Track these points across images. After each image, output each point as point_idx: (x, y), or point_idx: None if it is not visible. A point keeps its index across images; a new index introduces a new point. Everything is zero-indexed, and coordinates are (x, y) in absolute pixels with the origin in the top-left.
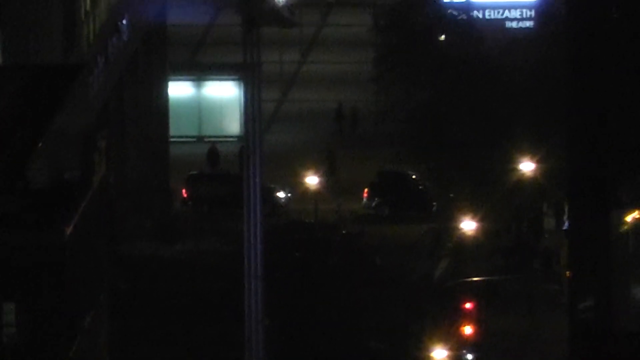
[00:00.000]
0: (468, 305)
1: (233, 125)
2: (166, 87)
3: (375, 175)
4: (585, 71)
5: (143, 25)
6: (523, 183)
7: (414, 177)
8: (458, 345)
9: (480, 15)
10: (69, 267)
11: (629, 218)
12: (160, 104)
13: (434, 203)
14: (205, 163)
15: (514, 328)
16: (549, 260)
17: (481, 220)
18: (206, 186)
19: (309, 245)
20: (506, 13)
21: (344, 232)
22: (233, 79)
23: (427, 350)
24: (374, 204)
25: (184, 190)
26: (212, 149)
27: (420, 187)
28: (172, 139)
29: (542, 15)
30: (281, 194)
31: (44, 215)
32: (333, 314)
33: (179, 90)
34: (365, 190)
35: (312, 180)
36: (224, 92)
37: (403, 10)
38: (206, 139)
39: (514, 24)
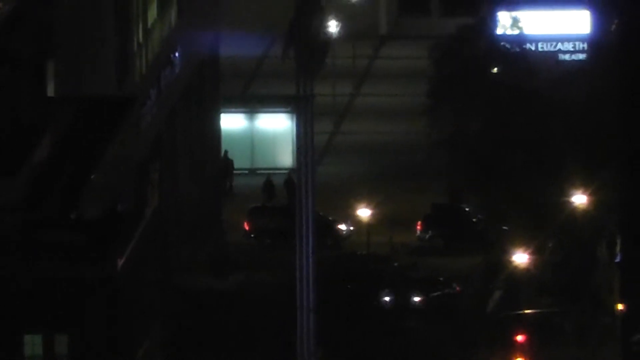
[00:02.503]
0: (520, 338)
1: (285, 157)
2: (219, 119)
3: (429, 208)
4: (637, 103)
5: (195, 57)
6: (576, 215)
7: (467, 209)
8: None
9: (533, 48)
10: (121, 298)
11: None
12: (212, 136)
13: (489, 235)
14: (260, 195)
15: None
16: (599, 293)
17: (534, 252)
18: (268, 219)
19: (361, 277)
20: (559, 45)
21: (395, 264)
22: (286, 111)
23: None
24: (427, 236)
25: (245, 223)
26: (267, 182)
27: (473, 220)
28: None
29: (595, 47)
30: (343, 227)
31: (97, 246)
32: (384, 346)
33: (231, 122)
34: (419, 222)
35: (364, 212)
36: (277, 125)
37: (457, 43)
38: (259, 171)
39: (566, 57)
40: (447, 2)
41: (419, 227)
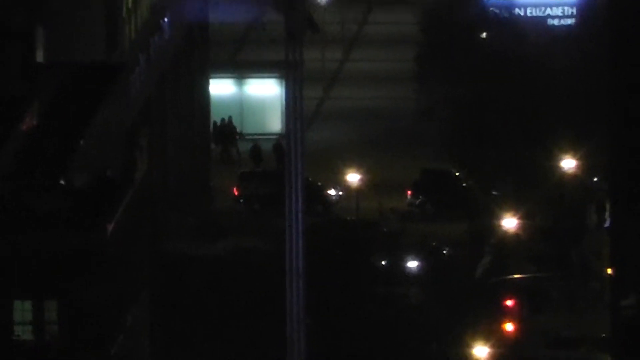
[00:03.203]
0: (509, 303)
1: (275, 123)
2: (208, 85)
3: (418, 174)
4: (626, 68)
5: (185, 23)
6: (565, 180)
7: (457, 175)
8: (499, 343)
9: (522, 13)
10: (110, 265)
11: None
12: (202, 102)
13: (478, 201)
14: (248, 161)
15: (555, 326)
16: (588, 259)
17: (524, 217)
18: (257, 184)
19: (349, 242)
20: (548, 11)
21: (385, 230)
22: (275, 77)
23: (469, 347)
24: (417, 202)
25: (234, 189)
26: (255, 147)
27: (463, 185)
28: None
29: (584, 12)
30: (332, 192)
31: (86, 213)
32: (373, 312)
33: (220, 88)
34: (409, 188)
35: (353, 177)
36: (266, 90)
37: (445, 8)
38: (248, 137)
39: (555, 22)
40: None
41: (409, 193)
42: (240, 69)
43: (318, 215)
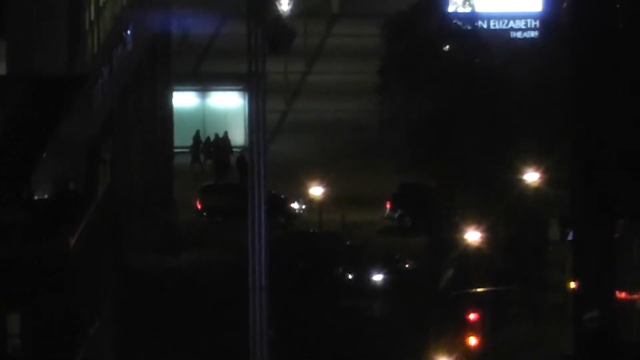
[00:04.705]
0: (472, 316)
1: (237, 135)
2: (171, 97)
3: (397, 187)
4: (589, 81)
5: (147, 35)
6: (527, 193)
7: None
8: (462, 356)
9: (485, 26)
10: (73, 277)
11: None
12: (164, 114)
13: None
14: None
15: (518, 338)
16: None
17: (486, 230)
18: (220, 197)
19: (312, 255)
20: (511, 23)
21: (348, 242)
22: (237, 89)
23: None
24: (396, 215)
25: (197, 202)
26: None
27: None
28: (176, 149)
29: (547, 25)
30: (295, 205)
31: (48, 226)
32: (337, 324)
33: (183, 100)
34: (388, 201)
35: (316, 190)
36: (229, 102)
37: (408, 20)
38: (212, 149)
39: (518, 34)
40: None
41: (387, 206)
42: (203, 81)
43: (281, 228)
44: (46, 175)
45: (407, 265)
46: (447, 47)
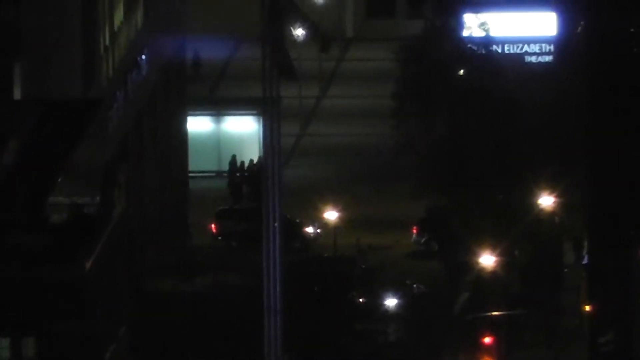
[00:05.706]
0: (487, 340)
1: (252, 159)
2: (185, 121)
3: (424, 212)
4: (604, 106)
5: (162, 60)
6: (542, 217)
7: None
8: None
9: (500, 50)
10: (89, 301)
11: None
12: (179, 139)
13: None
14: (228, 197)
15: None
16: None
17: (501, 254)
18: (235, 221)
19: (327, 279)
20: (525, 47)
21: (362, 266)
22: (252, 114)
23: None
24: (423, 240)
25: (213, 226)
26: (234, 184)
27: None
28: (191, 174)
29: (561, 50)
30: (310, 229)
31: (64, 250)
32: (352, 349)
33: (198, 125)
34: (415, 226)
35: (331, 214)
36: (243, 127)
37: (423, 45)
38: (225, 174)
39: (533, 59)
40: (413, 4)
41: (414, 231)
42: (218, 106)
43: (296, 252)
44: (62, 200)
45: (415, 287)
46: (462, 71)
